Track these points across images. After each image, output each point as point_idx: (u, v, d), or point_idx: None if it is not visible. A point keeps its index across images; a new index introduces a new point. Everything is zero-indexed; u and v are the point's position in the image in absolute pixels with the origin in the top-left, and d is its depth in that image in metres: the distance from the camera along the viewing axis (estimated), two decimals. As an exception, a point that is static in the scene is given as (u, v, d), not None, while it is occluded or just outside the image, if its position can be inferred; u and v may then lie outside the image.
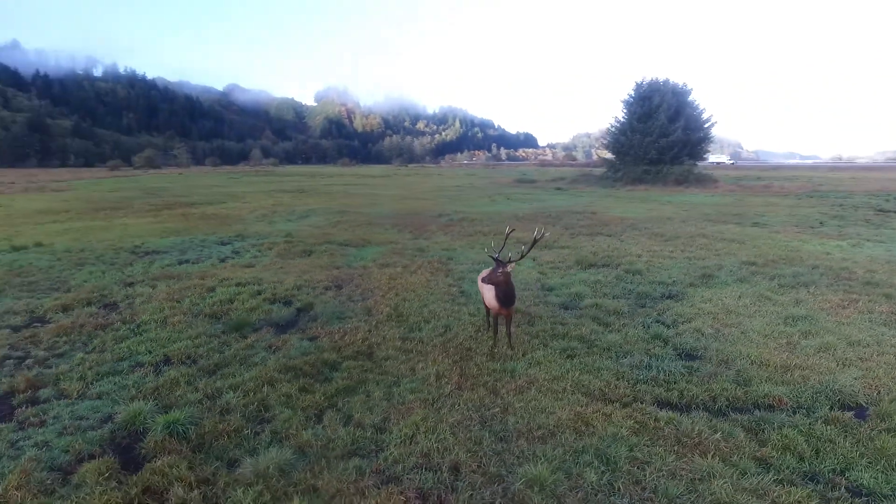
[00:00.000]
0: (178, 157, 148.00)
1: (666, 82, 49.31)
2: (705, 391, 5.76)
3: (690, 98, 48.90)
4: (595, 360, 6.59)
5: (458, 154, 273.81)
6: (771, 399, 5.66)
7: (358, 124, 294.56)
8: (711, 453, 4.52)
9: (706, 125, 48.85)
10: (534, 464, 4.28)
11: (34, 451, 4.28)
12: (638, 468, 4.32)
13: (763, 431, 4.96)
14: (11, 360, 6.22)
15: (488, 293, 6.88)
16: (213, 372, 5.90)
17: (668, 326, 8.02)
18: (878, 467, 4.43)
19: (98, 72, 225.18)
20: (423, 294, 9.45)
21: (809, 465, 4.48)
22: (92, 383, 5.55)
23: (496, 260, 6.57)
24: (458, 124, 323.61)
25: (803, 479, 4.28)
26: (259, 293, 9.01)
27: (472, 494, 3.93)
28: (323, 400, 5.36)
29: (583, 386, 5.85)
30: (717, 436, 4.82)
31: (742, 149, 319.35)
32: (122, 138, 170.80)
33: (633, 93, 50.50)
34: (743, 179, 51.90)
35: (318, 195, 35.34)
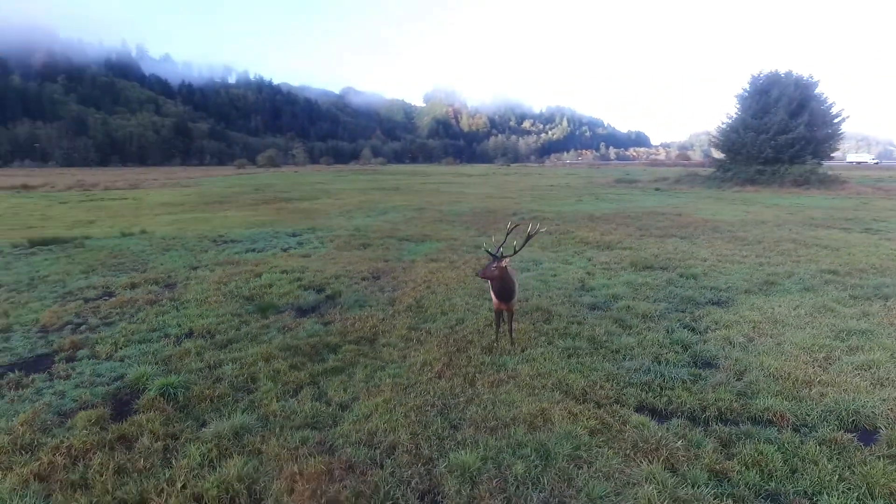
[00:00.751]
0: (296, 157, 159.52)
1: (788, 74, 44.94)
2: (698, 400, 5.44)
3: (817, 91, 44.15)
4: (594, 360, 6.43)
5: (564, 153, 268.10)
6: (771, 414, 5.23)
7: (464, 124, 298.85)
8: (661, 459, 4.33)
9: (835, 120, 43.83)
10: (468, 451, 4.37)
11: (50, 398, 5.12)
12: (575, 466, 4.26)
13: (738, 445, 4.63)
14: (71, 326, 7.37)
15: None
16: (224, 346, 6.57)
17: (697, 332, 7.58)
18: (854, 494, 4.01)
19: (232, 79, 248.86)
20: (453, 288, 9.65)
21: (776, 484, 4.15)
22: (121, 348, 6.44)
23: (491, 255, 6.61)
24: (565, 123, 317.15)
25: (759, 498, 3.99)
26: (298, 280, 9.75)
27: (393, 472, 4.12)
28: (307, 377, 5.79)
29: (565, 384, 5.76)
30: (679, 443, 4.59)
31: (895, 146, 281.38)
32: (249, 139, 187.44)
33: (748, 87, 46.64)
34: (883, 181, 46.10)
35: (409, 193, 36.57)
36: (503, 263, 6.64)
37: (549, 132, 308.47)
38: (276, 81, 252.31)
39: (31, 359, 6.18)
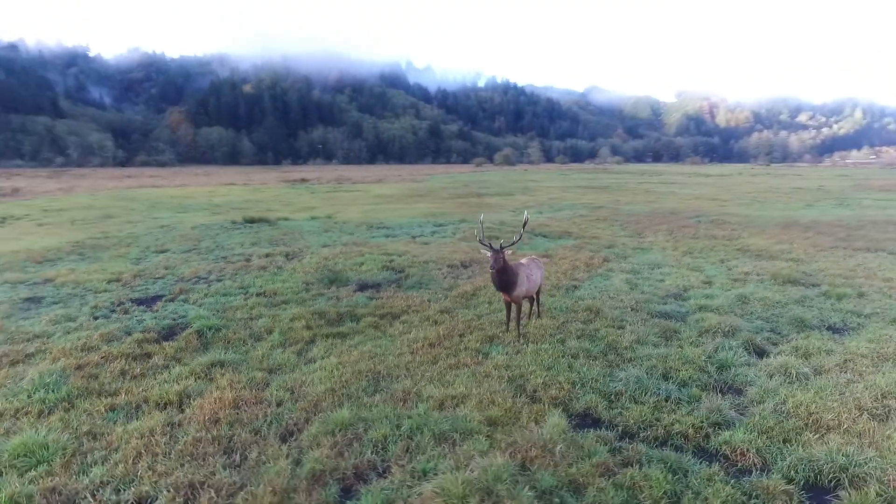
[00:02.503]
0: (531, 155, 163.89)
1: None
2: (658, 420, 4.91)
3: None
4: (588, 364, 6.12)
5: (855, 151, 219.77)
6: (730, 449, 4.49)
7: (721, 119, 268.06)
8: (521, 456, 4.21)
9: None
10: (349, 410, 4.85)
11: (130, 322, 7.15)
12: (433, 443, 4.43)
13: (636, 467, 4.18)
14: (196, 279, 9.71)
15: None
16: (276, 305, 8.02)
17: (755, 355, 6.50)
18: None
19: (481, 83, 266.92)
20: None
21: (629, 508, 3.75)
22: (206, 297, 8.37)
23: (489, 247, 6.70)
24: (858, 114, 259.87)
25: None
26: (389, 262, 10.89)
27: (280, 411, 4.88)
28: (310, 336, 6.82)
29: (521, 379, 5.72)
30: (559, 448, 4.33)
31: None
32: (492, 139, 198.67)
33: None
34: None
35: (612, 191, 35.27)
36: (505, 254, 6.69)
37: (835, 126, 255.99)
38: (521, 83, 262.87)
39: (151, 297, 8.49)
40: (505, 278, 6.71)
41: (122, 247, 12.97)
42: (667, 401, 5.30)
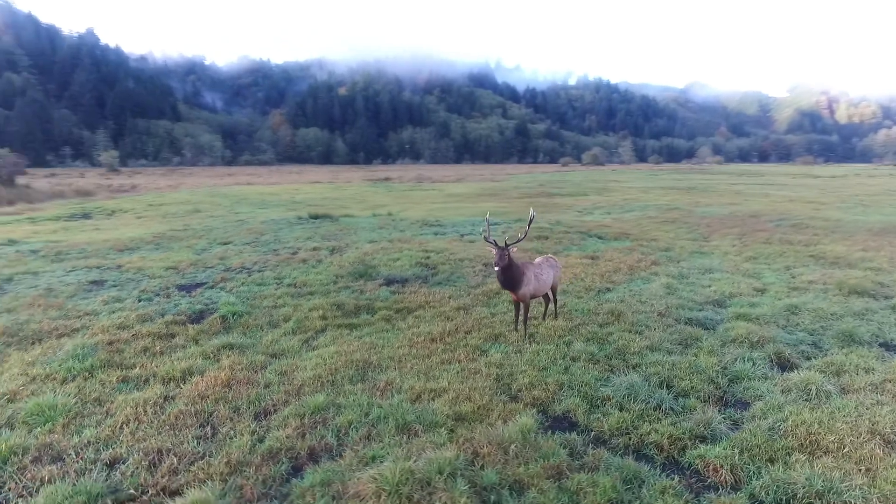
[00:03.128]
0: (622, 155, 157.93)
1: None
2: (635, 427, 4.76)
3: None
4: (585, 367, 5.98)
5: None
6: (703, 463, 4.28)
7: (841, 115, 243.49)
8: (471, 451, 4.25)
9: None
10: (323, 396, 5.10)
11: (167, 305, 7.85)
12: (393, 432, 4.56)
13: (588, 472, 4.10)
14: (242, 269, 10.38)
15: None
16: (302, 295, 8.45)
17: (781, 369, 6.08)
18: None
19: (572, 81, 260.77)
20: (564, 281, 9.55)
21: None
22: (241, 286, 8.99)
23: (493, 244, 6.69)
24: None
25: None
26: (425, 259, 11.07)
27: (265, 392, 5.22)
28: (321, 325, 7.17)
29: (507, 377, 5.71)
30: (514, 447, 4.32)
31: None
32: (581, 138, 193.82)
33: None
34: None
35: (694, 193, 33.32)
36: (512, 251, 6.70)
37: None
38: (614, 81, 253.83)
39: (194, 284, 9.25)
40: (510, 276, 6.69)
41: (195, 238, 14.17)
42: (655, 409, 5.08)
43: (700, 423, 4.81)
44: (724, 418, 4.98)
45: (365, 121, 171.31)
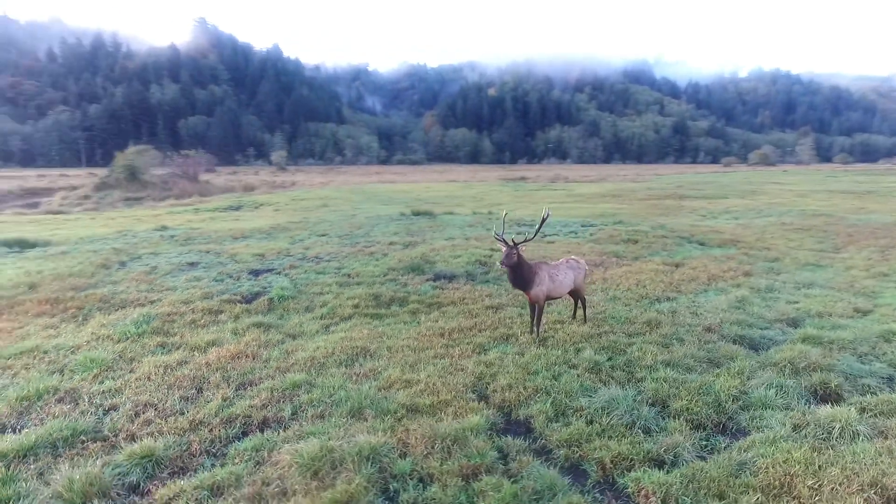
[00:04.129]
0: (798, 154, 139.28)
1: None
2: (593, 447, 4.47)
3: None
4: (581, 378, 5.71)
5: None
6: (636, 486, 4.02)
7: None
8: (399, 441, 4.40)
9: None
10: (305, 375, 5.53)
11: (231, 286, 8.91)
12: (336, 419, 4.85)
13: (502, 480, 4.06)
14: (315, 258, 11.28)
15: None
16: (349, 285, 9.04)
17: (821, 401, 5.33)
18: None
19: (743, 73, 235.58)
20: (617, 285, 9.14)
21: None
22: (303, 273, 9.83)
23: (504, 241, 6.63)
24: None
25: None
26: (487, 257, 11.09)
27: (260, 366, 5.82)
28: (349, 313, 7.67)
29: (486, 377, 5.71)
30: (443, 443, 4.39)
31: None
32: (750, 136, 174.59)
33: None
34: None
35: (867, 198, 28.50)
36: (521, 250, 6.62)
37: None
38: (795, 71, 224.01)
39: (265, 269, 10.30)
40: (519, 275, 6.61)
41: (300, 230, 15.71)
42: (627, 426, 4.75)
43: (666, 446, 4.41)
44: (700, 445, 4.51)
45: (512, 120, 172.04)
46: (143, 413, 4.83)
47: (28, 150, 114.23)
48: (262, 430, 4.66)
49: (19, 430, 4.52)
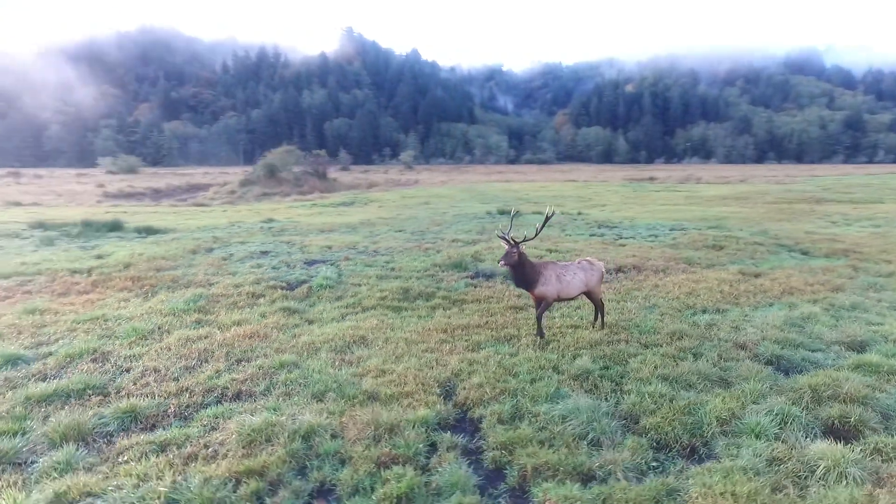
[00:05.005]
0: None
1: None
2: (525, 454, 4.39)
3: None
4: (559, 384, 5.53)
5: None
6: (544, 496, 3.95)
7: None
8: (341, 425, 4.66)
9: None
10: (293, 357, 5.99)
11: (282, 275, 9.66)
12: (296, 398, 5.22)
13: (411, 467, 4.18)
14: (374, 252, 11.79)
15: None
16: (387, 278, 9.41)
17: (831, 436, 4.73)
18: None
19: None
20: (648, 295, 8.54)
21: None
22: (353, 266, 10.34)
23: (506, 240, 6.57)
24: None
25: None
26: (539, 258, 10.80)
27: (262, 345, 6.37)
28: (373, 304, 8.04)
29: (465, 378, 5.69)
30: (376, 431, 4.58)
31: None
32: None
33: None
34: None
35: None
36: (522, 248, 6.55)
37: None
38: None
39: (320, 260, 10.99)
40: (521, 274, 6.57)
41: (384, 225, 16.52)
42: (577, 438, 4.56)
43: (604, 462, 4.19)
44: (649, 465, 4.22)
45: (650, 118, 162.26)
46: (147, 376, 5.59)
47: (203, 151, 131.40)
48: (232, 401, 5.16)
49: (51, 380, 5.48)
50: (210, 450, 4.32)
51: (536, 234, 6.79)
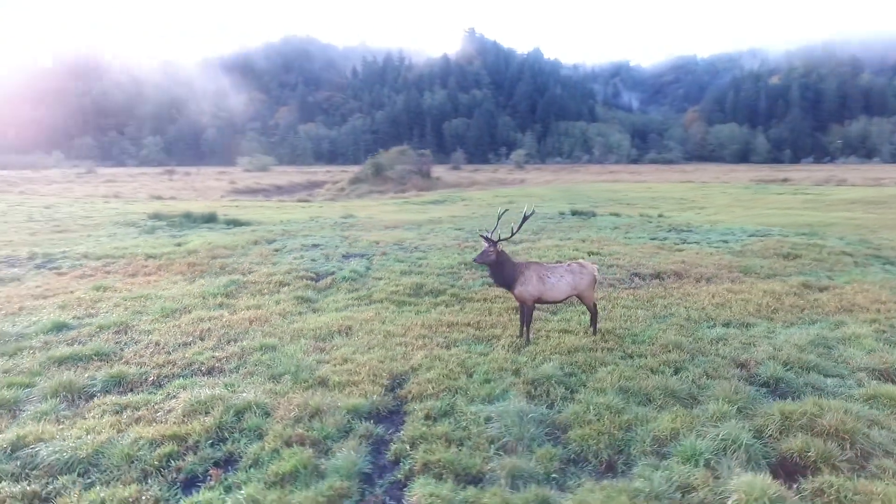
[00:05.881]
0: None
1: None
2: (423, 449, 4.49)
3: None
4: (498, 385, 5.45)
5: None
6: (414, 493, 4.07)
7: None
8: (274, 404, 5.06)
9: None
10: (277, 340, 6.49)
11: (316, 266, 10.27)
12: (255, 378, 5.68)
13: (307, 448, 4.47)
14: (413, 248, 12.03)
15: None
16: (408, 273, 9.64)
17: (777, 474, 4.36)
18: None
19: None
20: (670, 304, 7.99)
21: None
22: (386, 260, 10.67)
23: (486, 239, 6.56)
24: None
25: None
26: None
27: (262, 328, 6.96)
28: (383, 297, 8.34)
29: (419, 373, 5.83)
30: (300, 413, 4.88)
31: None
32: None
33: None
34: None
35: None
36: (499, 247, 6.52)
37: None
38: None
39: (357, 254, 11.44)
40: (499, 272, 6.56)
41: (448, 223, 16.80)
42: (488, 440, 4.53)
43: (501, 467, 4.15)
44: (546, 476, 4.08)
45: (798, 112, 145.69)
46: (148, 349, 6.37)
47: (333, 151, 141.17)
48: (203, 375, 5.74)
49: (76, 345, 6.45)
50: (158, 414, 4.88)
51: (513, 234, 6.76)
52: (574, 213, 18.30)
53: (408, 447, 4.43)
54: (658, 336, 6.66)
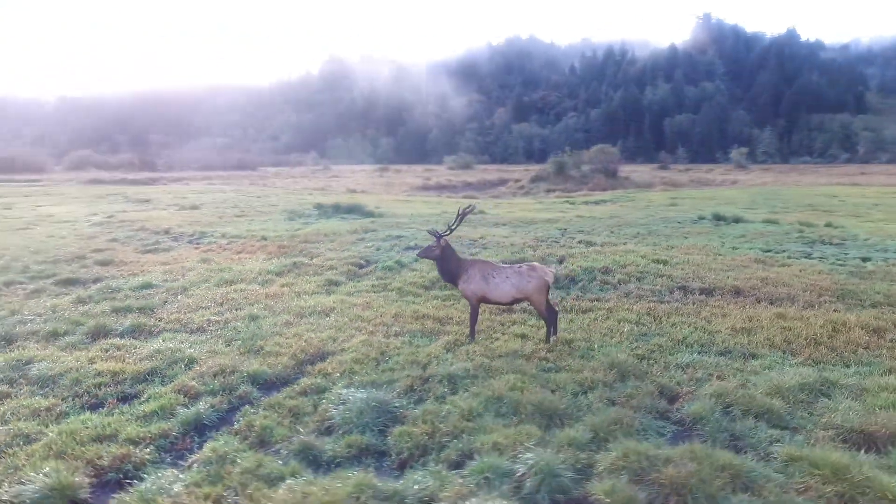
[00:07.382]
0: None
1: None
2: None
3: None
4: (406, 380, 5.71)
5: None
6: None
7: None
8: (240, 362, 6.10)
9: None
10: (284, 317, 7.54)
11: (370, 257, 11.07)
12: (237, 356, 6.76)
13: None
14: (469, 242, 11.96)
15: None
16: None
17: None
18: None
19: None
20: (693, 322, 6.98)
21: None
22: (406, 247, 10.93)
23: (433, 234, 6.65)
24: None
25: None
26: (622, 265, 9.41)
27: (276, 304, 8.10)
28: (397, 286, 8.88)
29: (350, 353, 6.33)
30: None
31: None
32: None
33: None
34: None
35: None
36: (442, 242, 6.60)
37: None
38: None
39: (411, 247, 11.79)
40: (444, 268, 6.68)
41: (563, 223, 16.23)
42: (323, 420, 4.88)
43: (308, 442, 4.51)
44: (335, 461, 4.35)
45: None
46: (179, 309, 7.90)
47: (543, 150, 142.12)
48: (188, 333, 7.00)
49: (138, 299, 8.31)
50: (126, 356, 6.21)
51: (451, 231, 6.65)
52: (717, 217, 15.97)
53: (253, 412, 4.96)
54: (611, 354, 5.96)
